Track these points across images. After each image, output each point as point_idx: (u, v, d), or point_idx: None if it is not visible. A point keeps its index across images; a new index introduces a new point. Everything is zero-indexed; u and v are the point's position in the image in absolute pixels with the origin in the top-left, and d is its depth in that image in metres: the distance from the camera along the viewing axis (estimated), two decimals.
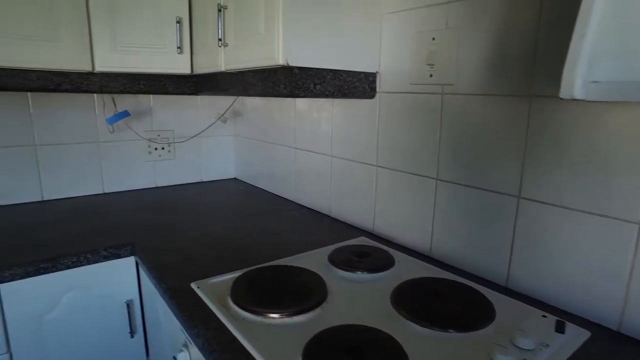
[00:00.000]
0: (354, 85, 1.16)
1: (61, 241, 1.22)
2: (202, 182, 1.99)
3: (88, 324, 1.21)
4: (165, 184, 1.89)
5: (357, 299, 0.90)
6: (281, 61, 0.99)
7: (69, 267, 1.13)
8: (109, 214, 1.50)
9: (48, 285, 1.13)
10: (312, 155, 1.53)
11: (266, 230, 1.34)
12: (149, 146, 1.81)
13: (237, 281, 0.93)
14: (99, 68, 1.35)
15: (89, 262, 1.16)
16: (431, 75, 1.07)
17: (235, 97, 1.95)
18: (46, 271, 1.10)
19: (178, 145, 1.88)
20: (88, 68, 1.34)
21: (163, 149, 1.84)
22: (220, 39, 1.19)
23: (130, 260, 1.23)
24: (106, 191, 1.76)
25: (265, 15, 1.03)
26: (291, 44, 0.99)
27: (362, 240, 1.23)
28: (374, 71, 1.21)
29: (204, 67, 1.39)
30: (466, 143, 1.01)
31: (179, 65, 1.45)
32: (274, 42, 1.00)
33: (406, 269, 1.04)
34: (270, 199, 1.73)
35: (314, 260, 1.08)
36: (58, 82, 1.32)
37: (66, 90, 1.34)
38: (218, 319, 0.81)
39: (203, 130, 1.92)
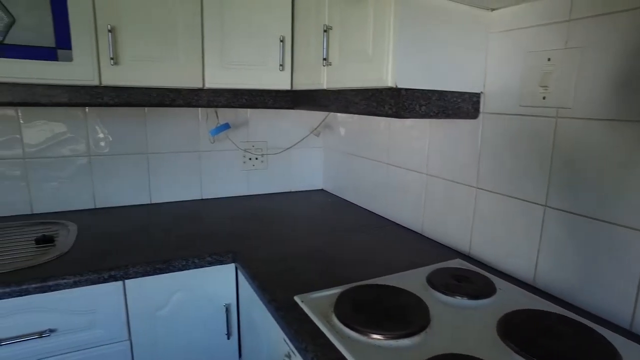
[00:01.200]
0: (458, 105, 1.15)
1: (172, 244, 1.33)
2: (291, 192, 2.06)
3: (191, 323, 1.31)
4: (257, 193, 1.99)
5: (461, 326, 0.88)
6: (390, 83, 1.01)
7: (179, 270, 1.23)
8: (209, 219, 1.60)
9: (162, 285, 1.23)
10: (405, 172, 1.53)
11: (360, 246, 1.36)
12: (244, 156, 1.91)
13: (340, 298, 0.96)
14: (208, 85, 1.46)
15: (196, 267, 1.25)
16: (544, 98, 1.02)
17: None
18: (162, 271, 1.21)
19: (270, 155, 1.97)
20: (199, 85, 1.45)
21: (257, 159, 1.93)
22: (324, 59, 1.24)
23: (231, 267, 1.31)
24: (204, 197, 1.89)
25: (373, 36, 1.05)
26: (401, 66, 1.00)
27: (459, 263, 1.21)
28: (478, 91, 1.18)
29: (303, 83, 1.45)
30: (583, 170, 0.95)
31: (280, 82, 1.52)
32: (383, 63, 1.01)
33: (509, 298, 1.00)
34: (359, 212, 1.75)
35: (412, 281, 1.07)
36: (173, 98, 1.45)
37: (179, 105, 1.46)
38: (325, 336, 0.83)
39: (297, 143, 2.00)
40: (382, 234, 1.49)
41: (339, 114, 1.95)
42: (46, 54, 1.25)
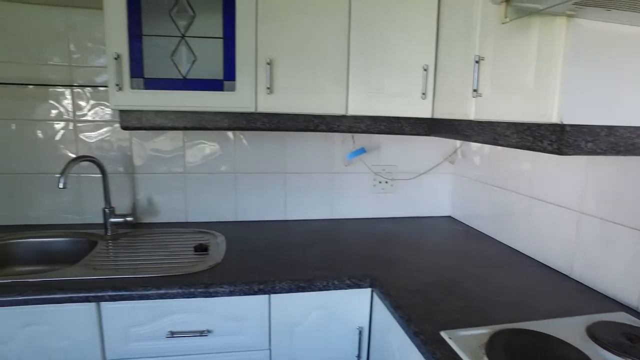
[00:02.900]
0: (632, 142, 1.04)
1: (312, 264, 1.41)
2: (417, 217, 2.04)
3: (324, 341, 1.36)
4: (384, 216, 2.01)
5: None
6: (554, 119, 0.95)
7: (319, 290, 1.30)
8: (342, 240, 1.66)
9: (302, 302, 1.31)
10: (552, 207, 1.42)
11: (501, 282, 1.29)
12: (374, 179, 1.95)
13: (491, 340, 0.92)
14: (350, 112, 1.53)
15: (335, 288, 1.30)
16: None
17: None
18: (303, 290, 1.28)
19: (399, 179, 1.98)
20: (342, 112, 1.52)
21: (387, 182, 1.96)
22: (474, 90, 1.21)
23: (367, 292, 1.34)
24: (334, 217, 1.96)
25: (536, 69, 1.00)
26: (570, 101, 0.94)
27: (626, 318, 1.08)
28: None
29: (446, 112, 1.44)
30: None
31: (420, 110, 1.53)
32: (548, 98, 0.96)
33: None
34: (494, 244, 1.67)
35: (570, 332, 0.98)
36: (317, 123, 1.54)
37: (322, 130, 1.55)
38: None
39: (430, 169, 1.98)
40: (523, 270, 1.40)
41: None
42: (215, 85, 1.43)
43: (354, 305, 1.35)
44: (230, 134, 1.81)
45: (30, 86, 1.67)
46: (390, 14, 1.48)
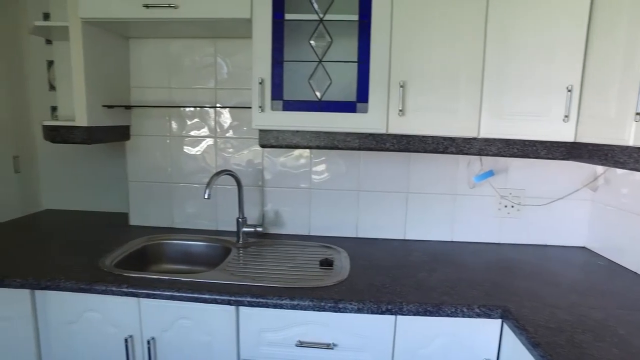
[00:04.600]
0: None
1: (438, 288, 1.38)
2: (546, 245, 1.89)
3: None
4: (507, 242, 1.89)
5: None
6: None
7: (447, 315, 1.27)
8: (465, 265, 1.60)
9: (428, 326, 1.29)
10: None
11: None
12: (499, 202, 1.86)
13: None
14: (482, 134, 1.48)
15: (463, 315, 1.26)
16: None
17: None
18: (431, 314, 1.27)
19: (527, 205, 1.85)
20: (473, 134, 1.48)
21: (512, 207, 1.85)
22: (637, 113, 1.10)
23: (497, 323, 1.28)
24: (454, 239, 1.90)
25: None
26: None
27: None
28: None
29: (594, 136, 1.32)
30: None
31: (561, 133, 1.43)
32: None
33: None
34: None
35: None
36: (446, 145, 1.52)
37: (451, 152, 1.52)
38: None
39: (566, 195, 1.83)
40: None
41: None
42: (348, 107, 1.49)
43: (482, 336, 1.30)
44: (355, 152, 1.87)
45: (188, 108, 1.91)
46: (532, 31, 1.41)
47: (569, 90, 1.39)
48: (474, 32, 1.43)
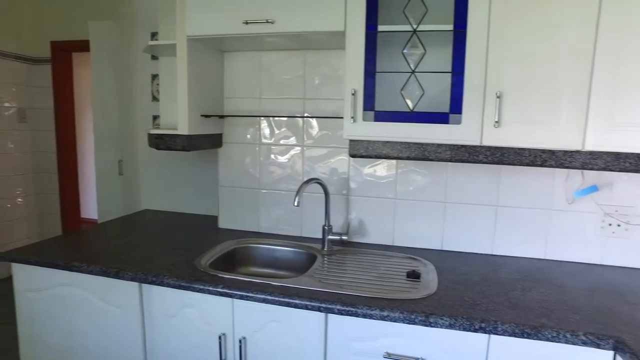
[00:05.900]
0: None
1: (535, 309, 1.30)
2: None
3: None
4: (612, 264, 1.74)
5: None
6: None
7: (546, 340, 1.19)
8: (563, 286, 1.50)
9: (525, 349, 1.22)
10: None
11: None
12: (603, 220, 1.71)
13: None
14: (587, 147, 1.38)
15: (566, 342, 1.18)
16: None
17: None
18: (528, 336, 1.20)
19: (636, 224, 1.69)
20: (577, 147, 1.39)
21: (619, 225, 1.70)
22: None
23: (608, 354, 1.18)
24: (547, 257, 1.79)
25: None
26: None
27: None
28: None
29: None
30: None
31: None
32: None
33: None
34: None
35: None
36: (545, 158, 1.43)
37: (550, 166, 1.43)
38: None
39: None
40: None
41: None
42: (440, 118, 1.47)
43: None
44: (442, 163, 1.83)
45: (277, 118, 1.99)
46: None
47: None
48: (581, 34, 1.34)
